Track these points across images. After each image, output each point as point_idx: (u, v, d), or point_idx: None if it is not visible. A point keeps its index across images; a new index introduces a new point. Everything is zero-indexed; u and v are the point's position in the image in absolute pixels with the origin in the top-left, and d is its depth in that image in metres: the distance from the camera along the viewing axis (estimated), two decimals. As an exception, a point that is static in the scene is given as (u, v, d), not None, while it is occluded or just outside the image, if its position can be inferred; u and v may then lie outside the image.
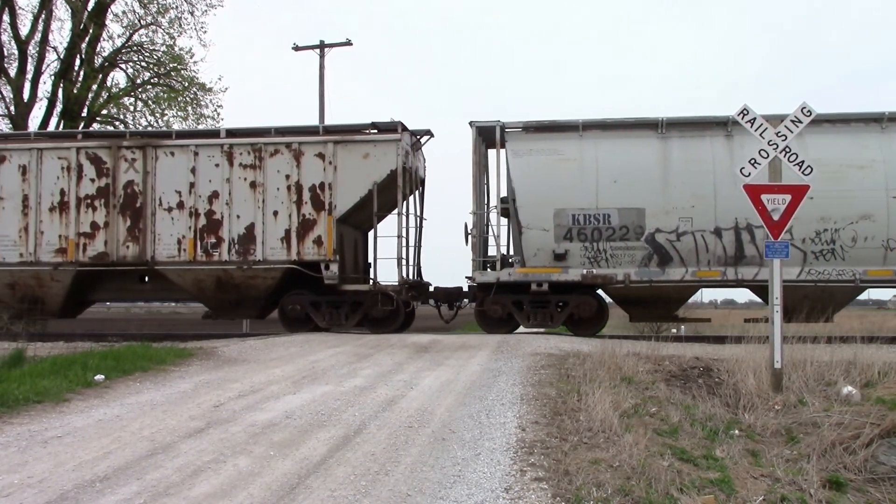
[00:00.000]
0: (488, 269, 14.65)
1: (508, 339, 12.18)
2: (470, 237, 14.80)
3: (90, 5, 24.19)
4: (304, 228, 14.59)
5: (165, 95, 25.76)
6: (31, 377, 7.86)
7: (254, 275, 14.70)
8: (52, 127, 23.60)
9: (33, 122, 23.77)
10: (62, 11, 24.62)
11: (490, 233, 15.24)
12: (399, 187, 14.57)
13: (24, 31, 23.92)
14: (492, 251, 14.96)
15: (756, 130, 8.35)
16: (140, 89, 26.00)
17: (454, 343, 11.74)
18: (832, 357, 8.59)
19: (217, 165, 14.78)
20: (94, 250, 15.01)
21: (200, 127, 24.42)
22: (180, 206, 14.85)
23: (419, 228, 16.08)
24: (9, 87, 23.76)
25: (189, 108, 25.75)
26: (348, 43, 28.48)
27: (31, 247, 15.09)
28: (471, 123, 14.68)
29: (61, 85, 23.90)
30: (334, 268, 14.47)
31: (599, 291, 14.52)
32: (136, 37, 25.47)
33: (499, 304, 14.30)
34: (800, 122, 8.25)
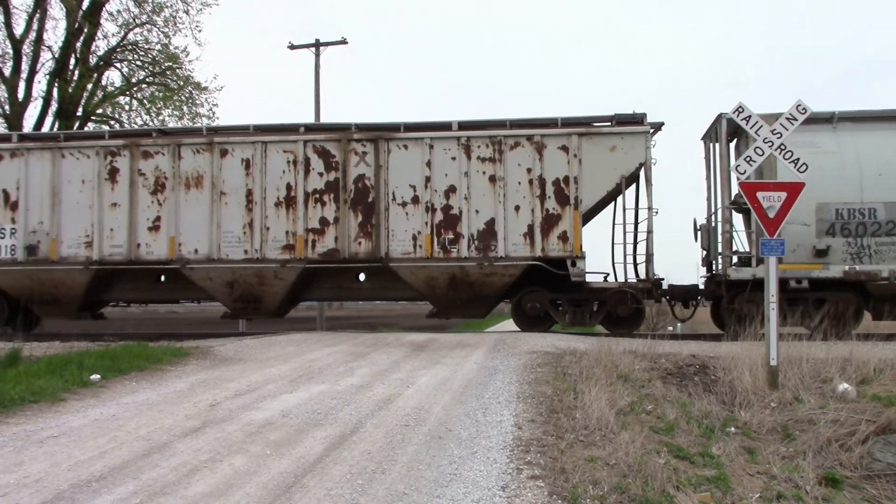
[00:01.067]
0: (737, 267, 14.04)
1: (505, 337, 12.18)
2: (708, 234, 14.45)
3: (85, 4, 24.15)
4: (548, 224, 14.13)
5: (161, 94, 25.71)
6: (26, 377, 7.85)
7: (492, 272, 14.20)
8: (46, 127, 23.56)
9: (28, 122, 23.75)
10: (57, 10, 24.74)
11: (734, 229, 14.68)
12: (648, 181, 14.13)
13: (18, 30, 23.90)
14: (717, 248, 14.54)
15: (752, 128, 8.37)
16: (135, 88, 25.95)
17: (450, 341, 11.74)
18: (828, 354, 8.61)
19: (454, 159, 14.32)
20: (323, 247, 14.52)
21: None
22: (415, 200, 14.37)
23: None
24: (3, 87, 23.70)
25: (184, 108, 25.73)
26: (344, 41, 28.45)
27: (256, 243, 14.60)
28: (720, 116, 14.18)
29: (56, 84, 23.83)
30: (581, 264, 13.98)
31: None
32: (130, 36, 25.46)
33: (753, 301, 13.66)
34: (795, 119, 8.27)
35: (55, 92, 23.87)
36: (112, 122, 25.67)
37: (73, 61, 24.40)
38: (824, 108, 14.16)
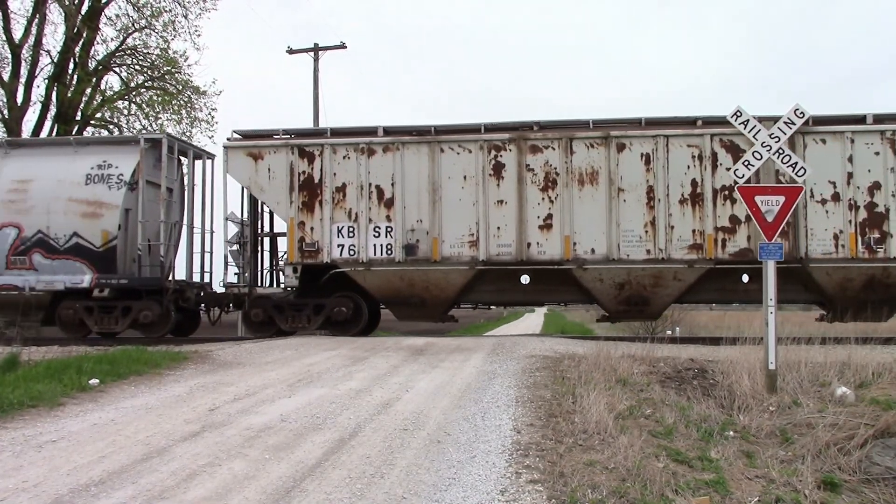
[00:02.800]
0: None
1: (504, 341, 12.19)
2: None
3: (84, 9, 24.20)
4: None
5: (159, 99, 25.73)
6: (25, 381, 7.84)
7: None
8: (45, 132, 23.58)
9: (27, 126, 23.77)
10: (56, 15, 24.70)
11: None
12: None
13: (17, 34, 23.92)
14: None
15: (749, 132, 8.39)
16: (134, 93, 25.97)
17: (449, 345, 11.74)
18: (826, 358, 8.63)
19: (877, 154, 13.73)
20: (734, 246, 13.81)
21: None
22: (835, 197, 13.73)
23: None
24: (2, 91, 23.71)
25: (183, 112, 25.75)
26: (342, 46, 28.49)
27: (661, 242, 13.89)
28: None
29: (55, 88, 23.86)
30: None
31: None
32: (129, 40, 25.50)
33: None
34: (793, 123, 8.30)
35: (54, 96, 23.90)
36: (111, 127, 25.70)
37: (71, 66, 24.44)
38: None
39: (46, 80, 24.19)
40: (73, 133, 23.29)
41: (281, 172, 14.67)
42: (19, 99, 23.60)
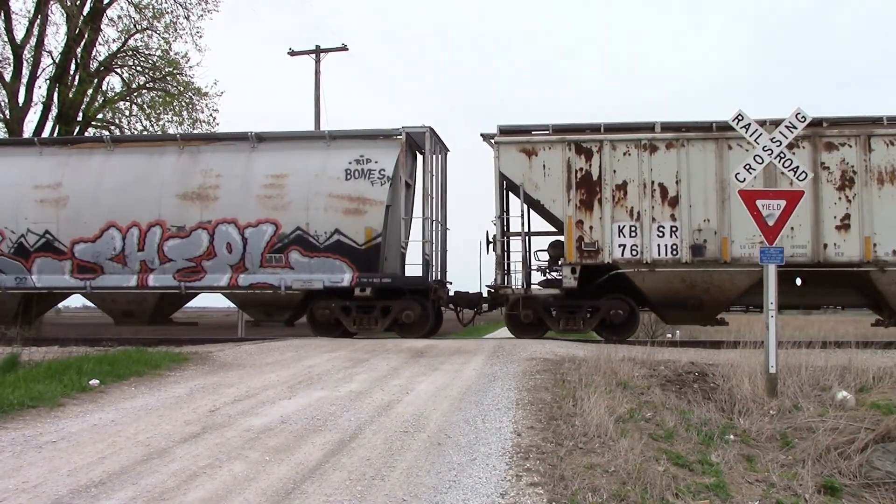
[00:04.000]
0: None
1: (504, 343, 12.17)
2: None
3: (85, 10, 24.18)
4: None
5: (161, 100, 25.73)
6: (25, 382, 7.84)
7: None
8: (46, 132, 23.57)
9: (28, 127, 23.76)
10: (57, 16, 24.69)
11: None
12: None
13: (19, 35, 23.92)
14: None
15: (751, 136, 8.39)
16: (135, 94, 25.96)
17: (450, 348, 11.73)
18: (827, 362, 8.62)
19: None
20: None
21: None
22: None
23: None
24: (4, 92, 23.71)
25: (184, 113, 25.74)
26: (344, 48, 28.48)
27: None
28: None
29: (56, 89, 23.85)
30: None
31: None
32: (131, 41, 25.48)
33: None
34: (794, 127, 8.30)
35: (55, 97, 23.89)
36: (112, 128, 25.69)
37: (73, 66, 24.42)
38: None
39: (48, 81, 24.19)
40: (75, 133, 23.27)
41: (556, 169, 14.24)
42: (21, 99, 23.60)
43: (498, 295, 14.80)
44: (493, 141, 14.48)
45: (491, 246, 14.93)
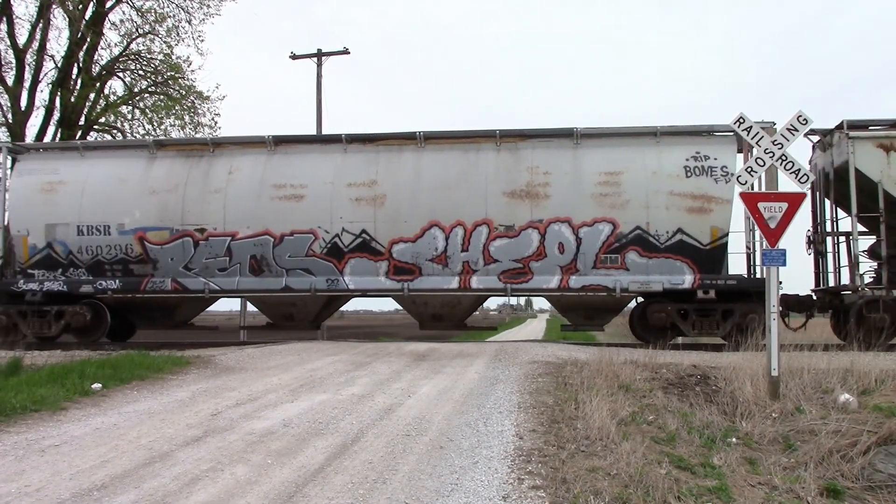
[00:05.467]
0: None
1: (506, 346, 12.18)
2: None
3: (88, 14, 24.24)
4: None
5: (163, 104, 25.79)
6: (28, 386, 7.85)
7: None
8: (48, 137, 23.62)
9: (30, 131, 23.80)
10: (60, 20, 24.69)
11: None
12: None
13: (21, 39, 23.96)
14: None
15: (752, 138, 8.40)
16: (137, 98, 26.03)
17: (452, 351, 11.74)
18: (829, 365, 8.61)
19: None
20: None
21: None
22: None
23: None
24: (6, 96, 23.76)
25: (186, 117, 25.81)
26: (345, 51, 28.54)
27: None
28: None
29: (59, 93, 23.90)
30: None
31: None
32: (133, 45, 25.54)
33: None
34: (796, 130, 8.30)
35: (57, 101, 23.95)
36: (114, 132, 25.75)
37: (75, 71, 24.48)
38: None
39: (50, 85, 24.24)
40: (77, 138, 23.32)
41: None
42: (23, 104, 23.64)
43: (834, 296, 14.16)
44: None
45: (811, 246, 14.47)
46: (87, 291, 15.04)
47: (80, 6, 23.85)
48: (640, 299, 14.28)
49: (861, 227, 13.99)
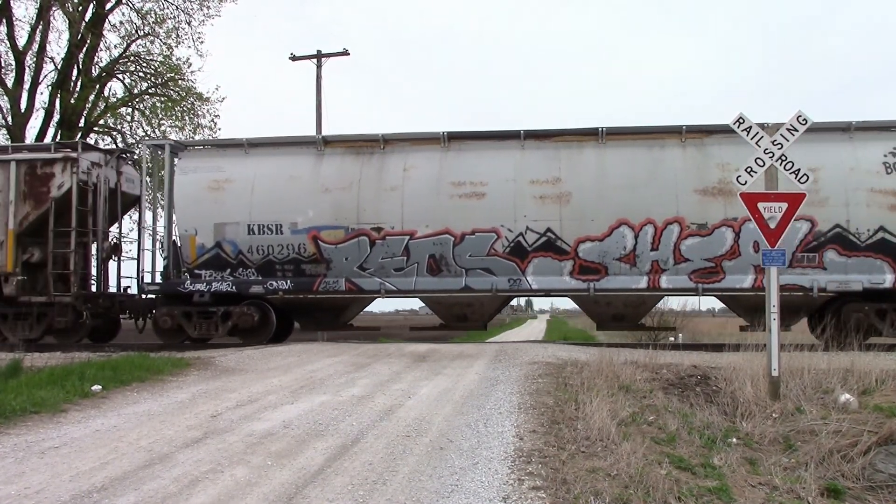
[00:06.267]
0: None
1: (506, 347, 12.18)
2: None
3: (87, 16, 24.24)
4: None
5: (162, 105, 25.80)
6: (28, 388, 7.85)
7: None
8: (48, 138, 23.61)
9: (30, 133, 23.81)
10: (59, 22, 24.70)
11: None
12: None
13: (21, 41, 23.97)
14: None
15: (752, 139, 8.39)
16: (137, 99, 26.04)
17: (451, 352, 11.74)
18: (829, 365, 8.60)
19: None
20: None
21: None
22: None
23: None
24: (6, 98, 23.78)
25: (186, 118, 25.81)
26: (345, 53, 28.57)
27: None
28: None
29: (58, 95, 23.91)
30: None
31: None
32: (133, 47, 25.55)
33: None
34: (795, 130, 8.30)
35: (57, 103, 23.96)
36: (114, 133, 25.76)
37: (75, 72, 24.50)
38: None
39: (50, 87, 24.26)
40: (77, 139, 23.32)
41: None
42: (23, 105, 23.64)
43: None
44: None
45: None
46: (258, 292, 14.72)
47: (80, 8, 23.87)
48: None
49: None
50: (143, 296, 15.66)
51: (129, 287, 16.42)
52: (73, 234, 15.15)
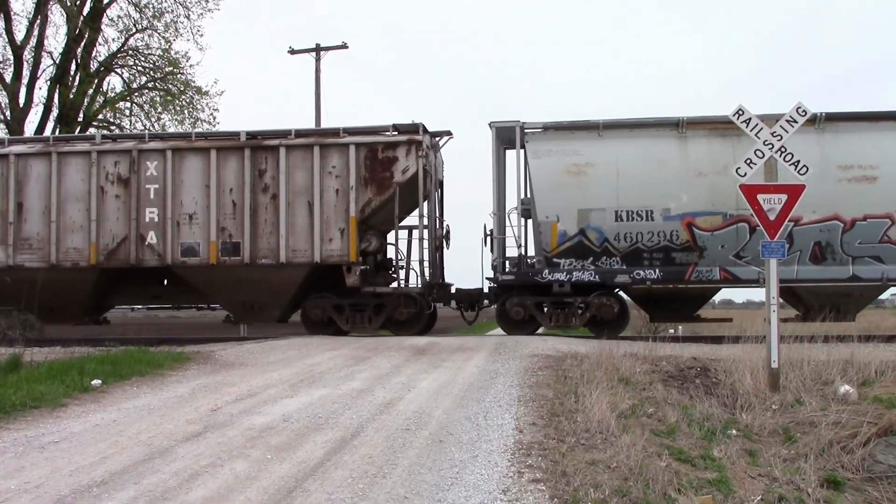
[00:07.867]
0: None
1: (506, 340, 12.18)
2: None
3: (85, 10, 24.24)
4: None
5: (161, 99, 25.77)
6: (27, 382, 7.85)
7: None
8: (47, 132, 23.59)
9: (29, 128, 23.80)
10: (57, 16, 24.75)
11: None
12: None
13: (19, 36, 23.99)
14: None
15: (751, 131, 8.37)
16: (136, 93, 26.00)
17: (452, 345, 11.73)
18: (829, 356, 8.61)
19: None
20: None
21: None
22: None
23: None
24: (4, 93, 23.75)
25: (185, 112, 25.78)
26: (344, 46, 28.49)
27: None
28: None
29: (57, 90, 23.90)
30: None
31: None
32: (131, 41, 25.57)
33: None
34: (795, 121, 8.28)
35: (56, 97, 23.92)
36: (112, 128, 25.73)
37: (73, 67, 24.47)
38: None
39: (48, 82, 24.26)
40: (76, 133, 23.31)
41: None
42: (21, 100, 23.64)
43: None
44: None
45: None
46: (623, 282, 14.06)
47: (78, 2, 23.85)
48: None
49: None
50: (492, 286, 15.09)
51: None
52: (423, 222, 14.80)
